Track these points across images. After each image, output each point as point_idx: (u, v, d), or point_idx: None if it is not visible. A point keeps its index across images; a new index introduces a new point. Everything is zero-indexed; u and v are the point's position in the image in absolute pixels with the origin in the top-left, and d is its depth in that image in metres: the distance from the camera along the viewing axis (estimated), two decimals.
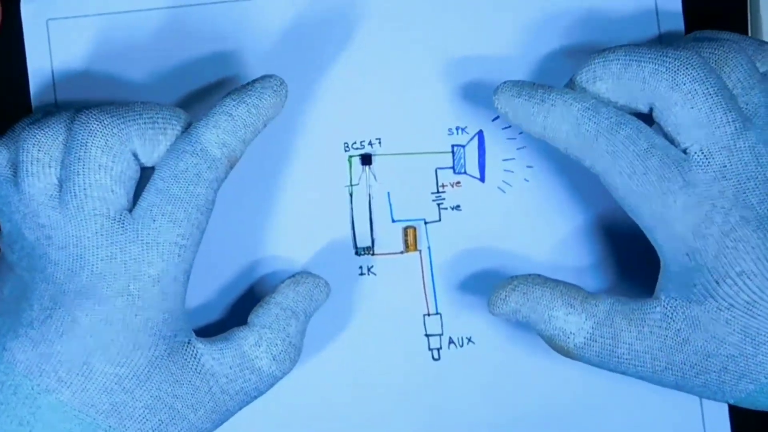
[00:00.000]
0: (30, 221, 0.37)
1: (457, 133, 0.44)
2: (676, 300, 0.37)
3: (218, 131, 0.38)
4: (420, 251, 0.44)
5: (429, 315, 0.44)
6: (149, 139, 0.38)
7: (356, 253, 0.44)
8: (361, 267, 0.44)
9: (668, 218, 0.36)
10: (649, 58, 0.37)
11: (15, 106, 0.43)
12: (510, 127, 0.44)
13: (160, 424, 0.37)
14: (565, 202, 0.44)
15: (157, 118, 0.38)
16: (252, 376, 0.39)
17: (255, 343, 0.39)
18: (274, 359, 0.39)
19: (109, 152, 0.37)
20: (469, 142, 0.44)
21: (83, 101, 0.43)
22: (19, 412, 0.36)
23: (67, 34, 0.43)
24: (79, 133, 0.37)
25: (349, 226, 0.44)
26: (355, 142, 0.44)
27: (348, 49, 0.43)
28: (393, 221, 0.44)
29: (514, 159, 0.44)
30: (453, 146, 0.44)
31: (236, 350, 0.39)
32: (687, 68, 0.37)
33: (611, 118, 0.37)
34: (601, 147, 0.37)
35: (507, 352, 0.44)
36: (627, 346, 0.37)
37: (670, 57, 0.37)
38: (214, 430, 0.39)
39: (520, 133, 0.44)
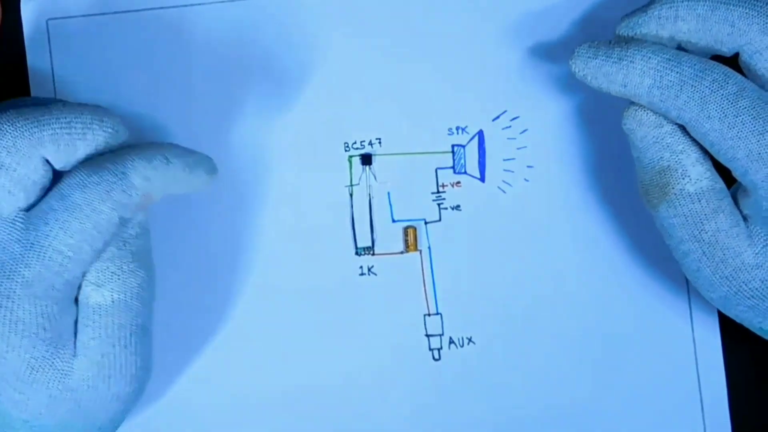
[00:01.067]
0: None
1: (457, 133, 0.44)
2: None
3: (148, 165, 0.36)
4: (420, 251, 0.44)
5: (429, 315, 0.44)
6: (64, 144, 0.36)
7: (356, 253, 0.44)
8: (361, 267, 0.44)
9: (766, 156, 0.36)
10: (739, 1, 0.36)
11: None
12: (510, 127, 0.44)
13: (68, 413, 0.37)
14: (566, 202, 0.44)
15: (76, 122, 0.36)
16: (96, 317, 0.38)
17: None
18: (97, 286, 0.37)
19: (16, 154, 0.36)
20: (469, 142, 0.44)
21: (83, 101, 0.42)
22: None
23: (68, 33, 0.43)
24: None
25: (350, 226, 0.44)
26: (355, 142, 0.44)
27: (348, 49, 0.43)
28: (393, 221, 0.44)
29: (514, 159, 0.44)
30: (453, 146, 0.44)
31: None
32: None
33: (694, 65, 0.36)
34: (687, 96, 0.36)
35: (507, 352, 0.44)
36: (715, 227, 0.37)
37: (761, 1, 0.36)
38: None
39: (521, 132, 0.44)
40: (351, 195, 0.44)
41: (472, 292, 0.44)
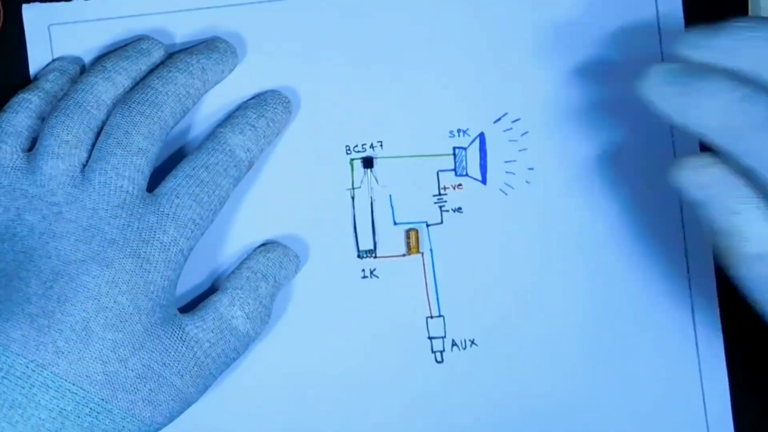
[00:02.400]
0: (38, 202, 0.39)
1: (459, 136, 0.44)
2: None
3: (244, 138, 0.41)
4: (422, 254, 0.44)
5: (432, 317, 0.44)
6: (181, 112, 0.41)
7: (358, 256, 0.44)
8: (363, 270, 0.44)
9: None
10: None
11: None
12: (511, 129, 0.44)
13: (150, 393, 0.39)
14: (567, 204, 0.44)
15: (186, 93, 0.41)
16: (231, 337, 0.40)
17: (229, 303, 0.41)
18: (247, 317, 0.40)
19: (151, 138, 0.40)
20: (470, 144, 0.44)
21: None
22: (11, 395, 0.37)
23: (69, 39, 0.43)
24: (122, 123, 0.40)
25: (351, 229, 0.44)
26: (357, 145, 0.44)
27: (350, 52, 0.43)
28: (395, 224, 0.44)
29: (515, 161, 0.44)
30: (454, 148, 0.44)
31: (214, 313, 0.40)
32: None
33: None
34: (757, 140, 0.32)
35: (510, 354, 0.44)
36: None
37: None
38: (198, 395, 0.40)
39: (522, 134, 0.44)
40: (353, 198, 0.44)
41: (475, 294, 0.44)
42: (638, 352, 0.43)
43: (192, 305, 0.43)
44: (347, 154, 0.44)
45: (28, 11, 0.43)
